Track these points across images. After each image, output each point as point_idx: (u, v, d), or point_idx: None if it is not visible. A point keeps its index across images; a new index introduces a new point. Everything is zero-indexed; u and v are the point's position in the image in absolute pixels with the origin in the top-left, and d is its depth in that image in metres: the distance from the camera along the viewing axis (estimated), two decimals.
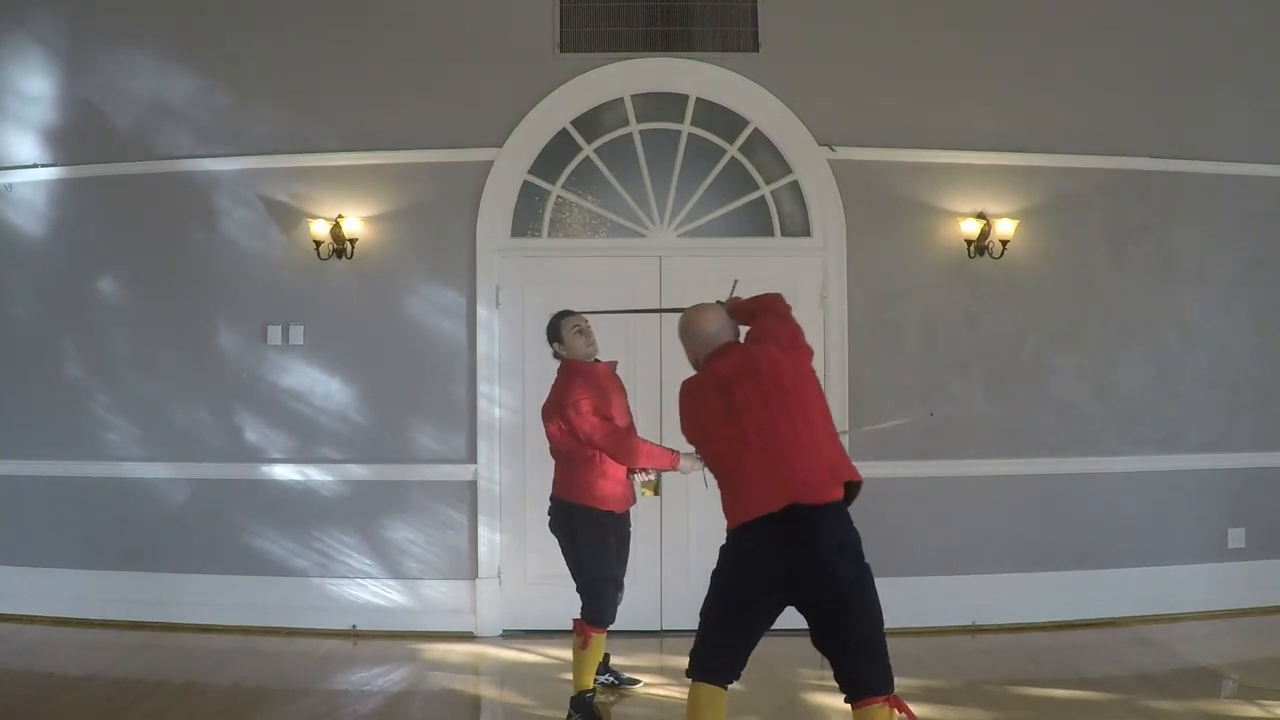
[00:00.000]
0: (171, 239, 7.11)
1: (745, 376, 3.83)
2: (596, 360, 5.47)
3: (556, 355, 5.50)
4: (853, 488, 3.77)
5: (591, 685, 5.33)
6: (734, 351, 3.98)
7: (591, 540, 5.33)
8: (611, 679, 5.78)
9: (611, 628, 5.68)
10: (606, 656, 5.77)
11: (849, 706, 3.67)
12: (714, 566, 3.96)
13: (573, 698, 5.30)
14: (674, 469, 5.26)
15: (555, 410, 5.32)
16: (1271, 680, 5.70)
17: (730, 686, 3.92)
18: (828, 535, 3.66)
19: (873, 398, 6.94)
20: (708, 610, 3.93)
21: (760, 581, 3.73)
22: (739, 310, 4.24)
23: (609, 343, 5.83)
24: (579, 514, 5.34)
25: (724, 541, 3.92)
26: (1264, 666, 6.03)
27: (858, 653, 3.64)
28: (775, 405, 3.77)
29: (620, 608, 5.58)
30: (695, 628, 4.03)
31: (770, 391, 3.79)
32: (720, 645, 3.86)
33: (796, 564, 3.64)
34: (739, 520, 3.78)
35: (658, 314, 6.89)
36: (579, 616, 5.35)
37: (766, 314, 4.14)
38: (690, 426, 4.03)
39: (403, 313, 7.03)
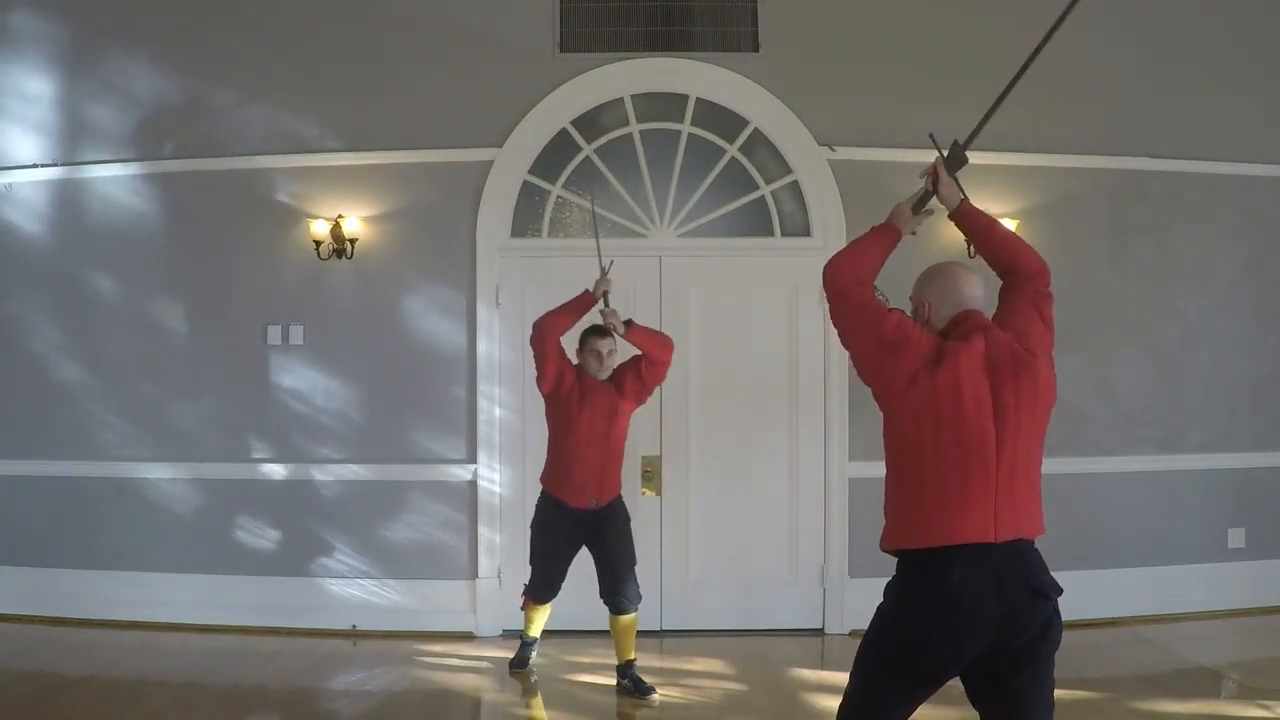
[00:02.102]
0: (171, 239, 7.11)
1: (1024, 378, 3.13)
2: (598, 380, 5.74)
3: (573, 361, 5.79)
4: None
5: (534, 635, 6.09)
6: (1008, 341, 3.19)
7: (540, 525, 5.79)
8: (629, 685, 5.73)
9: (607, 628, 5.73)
10: (631, 662, 5.76)
11: None
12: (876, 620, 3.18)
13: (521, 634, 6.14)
14: (594, 303, 5.70)
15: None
16: (1272, 680, 5.70)
17: (731, 686, 3.86)
18: (1048, 574, 3.15)
19: (873, 398, 6.92)
20: (873, 668, 3.10)
21: (972, 628, 2.96)
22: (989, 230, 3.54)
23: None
24: (540, 496, 5.80)
25: (897, 573, 3.11)
26: (1264, 666, 6.04)
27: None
28: (1036, 427, 3.16)
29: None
30: (695, 628, 3.97)
31: (1038, 410, 3.16)
32: (881, 713, 3.12)
33: (1018, 609, 3.03)
34: (939, 541, 2.98)
35: (658, 319, 6.90)
36: (526, 583, 5.98)
37: (1043, 313, 3.45)
38: (936, 389, 3.06)
39: (403, 313, 7.03)
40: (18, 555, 7.11)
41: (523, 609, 6.06)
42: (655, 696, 5.66)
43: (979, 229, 3.58)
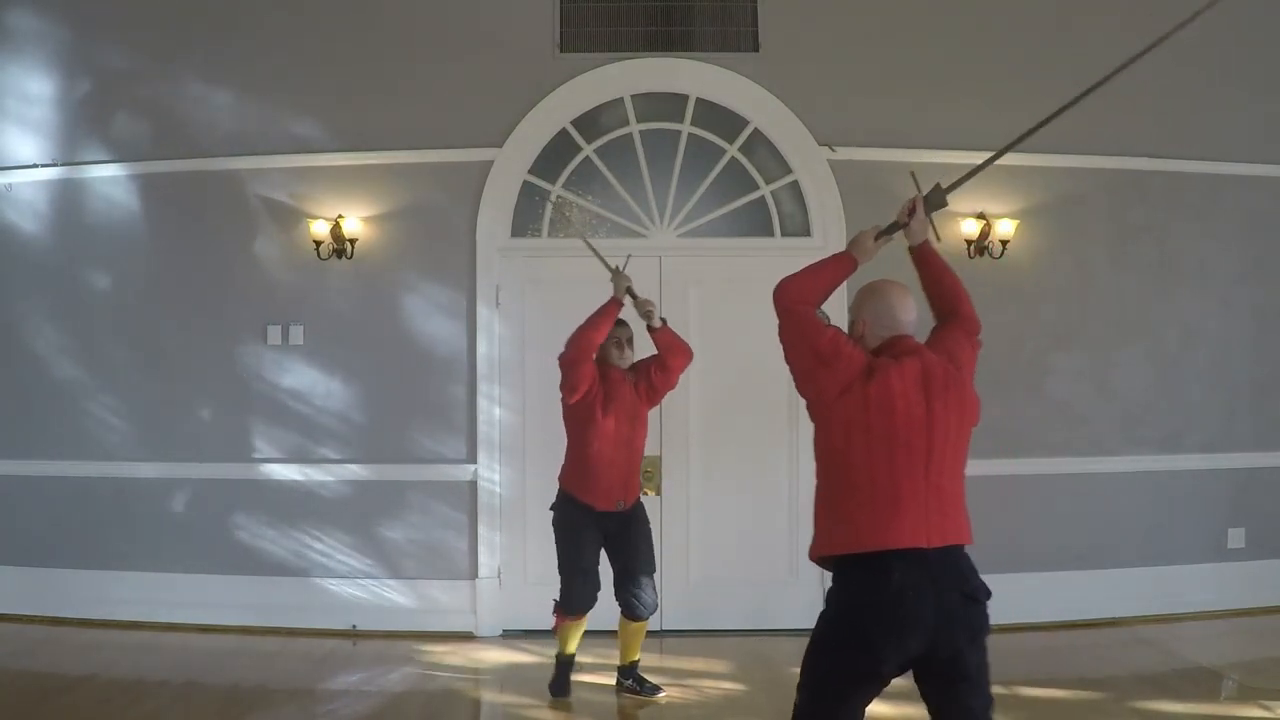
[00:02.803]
0: (171, 239, 7.11)
1: (952, 392, 3.24)
2: (615, 366, 5.65)
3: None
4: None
5: (571, 651, 5.67)
6: (937, 361, 3.32)
7: (562, 527, 5.55)
8: (634, 684, 5.71)
9: (612, 627, 5.69)
10: (635, 663, 5.75)
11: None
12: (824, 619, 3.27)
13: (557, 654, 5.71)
14: (621, 303, 5.57)
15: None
16: (1272, 680, 5.70)
17: (731, 686, 3.89)
18: (978, 579, 3.20)
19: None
20: (819, 673, 3.19)
21: (910, 630, 3.05)
22: (934, 264, 3.78)
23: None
24: (560, 500, 5.59)
25: (835, 580, 3.25)
26: (1264, 666, 6.04)
27: (984, 703, 3.23)
28: (961, 442, 3.26)
29: (618, 608, 5.61)
30: (695, 628, 4.00)
31: (965, 425, 3.26)
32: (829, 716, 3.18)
33: (953, 612, 3.09)
34: (873, 546, 3.11)
35: (658, 308, 6.90)
36: (556, 599, 5.60)
37: (972, 353, 3.53)
38: (869, 406, 3.18)
39: (403, 313, 7.03)
40: (18, 555, 7.11)
41: (554, 629, 5.67)
42: (662, 695, 5.66)
43: (934, 271, 3.78)
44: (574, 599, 5.49)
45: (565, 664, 5.69)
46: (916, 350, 3.32)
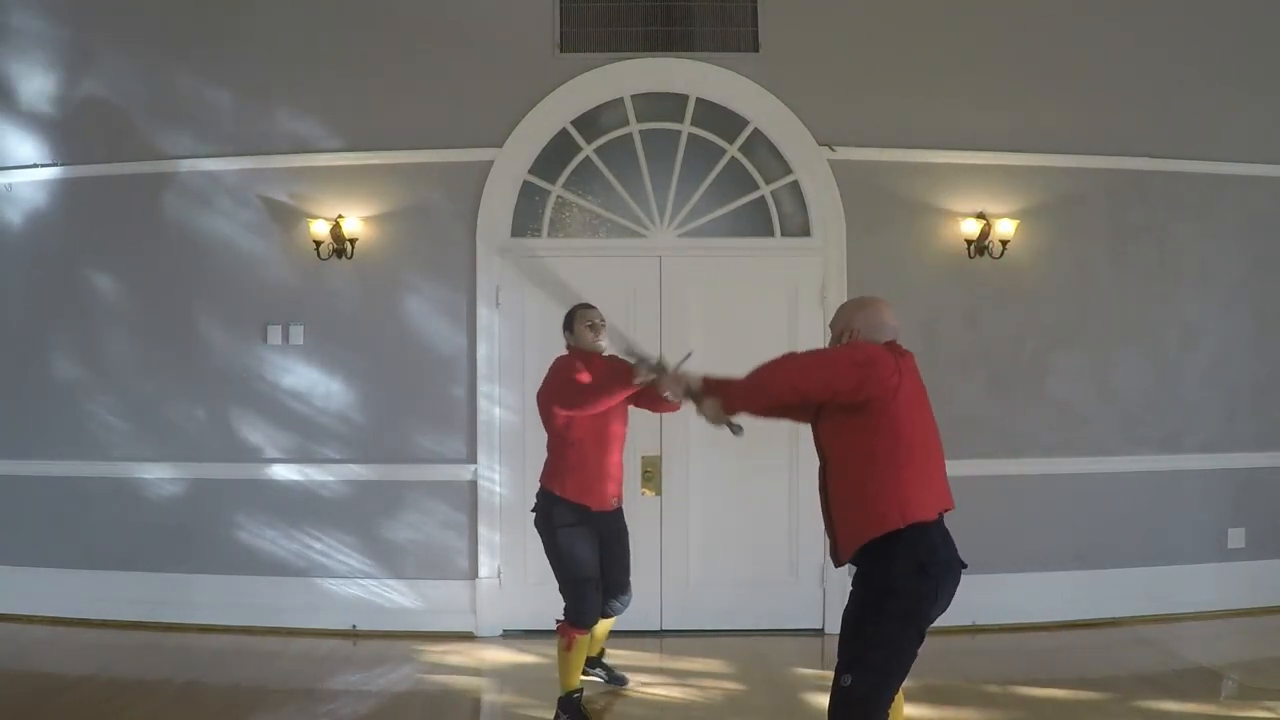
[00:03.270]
0: (172, 239, 7.11)
1: (917, 378, 3.82)
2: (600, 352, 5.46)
3: (567, 346, 5.52)
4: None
5: (578, 685, 5.33)
6: (908, 352, 3.88)
7: (567, 538, 5.27)
8: (602, 675, 5.76)
9: (612, 627, 5.69)
10: (602, 651, 5.78)
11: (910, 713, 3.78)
12: (853, 591, 3.73)
13: (560, 699, 5.31)
14: (637, 388, 5.03)
15: (545, 388, 5.34)
16: (1272, 680, 5.70)
17: (731, 686, 3.97)
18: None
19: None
20: (895, 650, 3.51)
21: (945, 590, 3.60)
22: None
23: (610, 344, 5.82)
24: (558, 507, 5.31)
25: (887, 550, 3.57)
26: (1265, 666, 6.03)
27: None
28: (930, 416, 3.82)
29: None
30: (695, 628, 4.03)
31: (927, 403, 3.83)
32: (893, 688, 3.60)
33: (957, 575, 3.64)
34: (919, 515, 3.59)
35: (658, 318, 6.90)
36: (561, 618, 5.34)
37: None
38: (904, 383, 3.65)
39: (403, 313, 7.04)
40: (18, 555, 7.12)
41: (566, 649, 5.30)
42: (629, 684, 5.75)
43: (764, 402, 3.89)
44: (587, 610, 5.25)
45: (577, 701, 5.31)
46: (905, 351, 3.82)
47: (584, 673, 5.64)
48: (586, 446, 5.31)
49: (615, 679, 5.84)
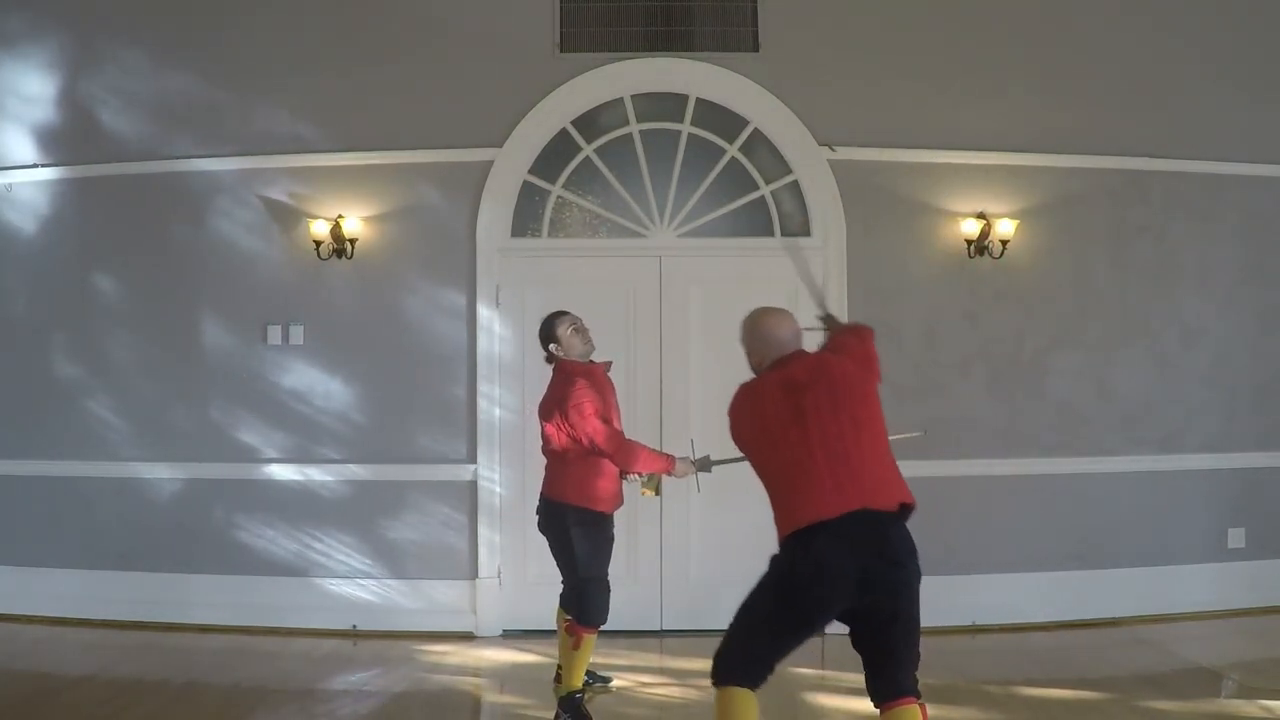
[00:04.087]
0: (171, 239, 7.11)
1: (819, 382, 3.75)
2: (593, 361, 5.44)
3: (551, 357, 5.44)
4: (907, 509, 3.74)
5: (581, 686, 5.33)
6: (806, 357, 3.91)
7: (587, 540, 5.30)
8: (586, 678, 5.73)
9: (611, 628, 5.69)
10: None
11: (876, 709, 3.72)
12: (764, 574, 3.88)
13: (562, 698, 5.31)
14: (669, 473, 5.26)
15: (556, 409, 5.29)
16: (1271, 680, 5.70)
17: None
18: (903, 543, 3.65)
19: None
20: (753, 619, 3.81)
21: (832, 587, 3.61)
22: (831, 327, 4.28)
23: (610, 343, 5.83)
24: (574, 514, 5.31)
25: (779, 551, 3.81)
26: (1264, 666, 6.03)
27: (905, 657, 3.69)
28: (844, 415, 3.71)
29: (620, 608, 5.60)
30: (695, 628, 4.05)
31: (842, 400, 3.73)
32: (765, 654, 3.82)
33: (870, 569, 3.56)
34: (802, 523, 3.66)
35: (658, 319, 6.90)
36: (570, 618, 5.37)
37: (849, 333, 4.18)
38: (748, 428, 3.87)
39: (403, 313, 7.03)
40: (18, 555, 7.11)
41: (574, 649, 5.33)
42: (614, 684, 5.78)
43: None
44: (599, 611, 5.31)
45: (579, 701, 5.30)
46: (784, 363, 3.87)
47: (557, 678, 5.65)
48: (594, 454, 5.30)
49: (597, 680, 5.76)
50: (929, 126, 7.02)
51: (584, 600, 5.30)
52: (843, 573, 3.56)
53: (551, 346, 5.41)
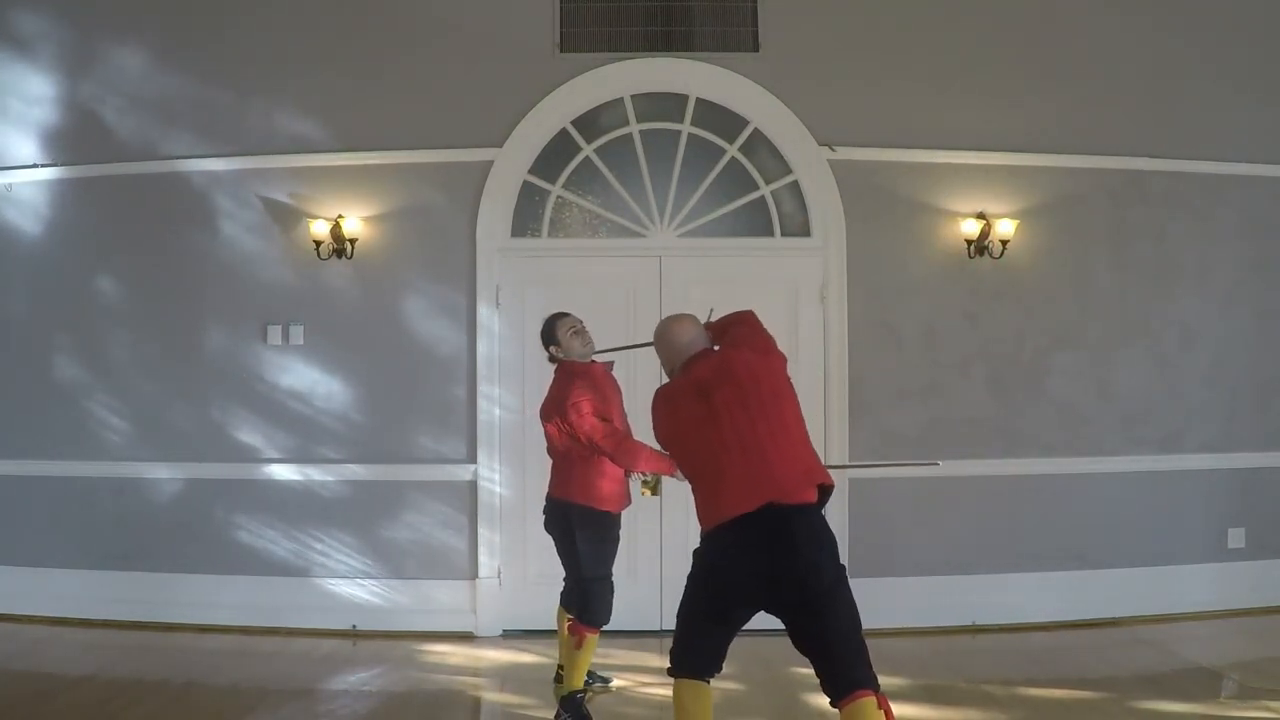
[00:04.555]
0: (171, 239, 7.11)
1: (724, 381, 3.87)
2: (593, 361, 5.46)
3: (553, 359, 5.48)
4: (825, 491, 3.82)
5: (583, 685, 5.34)
6: (710, 357, 4.03)
7: (592, 539, 5.32)
8: (586, 679, 5.73)
9: (611, 627, 5.68)
10: None
11: (835, 709, 3.70)
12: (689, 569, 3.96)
13: (563, 698, 5.31)
14: (671, 474, 5.26)
15: (555, 410, 5.31)
16: (1271, 680, 5.70)
17: (731, 686, 3.97)
18: (807, 534, 3.70)
19: (873, 398, 6.95)
20: (686, 612, 3.96)
21: (741, 580, 3.74)
22: (714, 328, 4.36)
23: (610, 343, 5.82)
24: (578, 514, 5.33)
25: (699, 544, 3.92)
26: (1264, 666, 6.03)
27: (843, 652, 3.67)
28: (754, 407, 3.82)
29: (620, 608, 5.60)
30: None
31: (749, 394, 3.84)
32: (701, 644, 3.91)
33: (777, 562, 3.66)
34: (715, 521, 3.79)
35: (658, 319, 6.89)
36: (571, 617, 5.38)
37: (739, 325, 4.29)
38: (666, 431, 4.05)
39: (403, 313, 7.03)
40: (18, 555, 7.11)
41: (577, 648, 5.32)
42: (614, 684, 5.78)
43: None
44: (604, 610, 5.33)
45: (580, 701, 5.30)
46: (691, 366, 4.01)
47: (557, 679, 5.68)
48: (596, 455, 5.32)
49: (597, 680, 5.76)
50: (929, 126, 7.02)
51: (588, 599, 5.32)
52: (748, 566, 3.68)
53: (552, 348, 5.45)
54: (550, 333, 5.45)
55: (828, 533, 3.78)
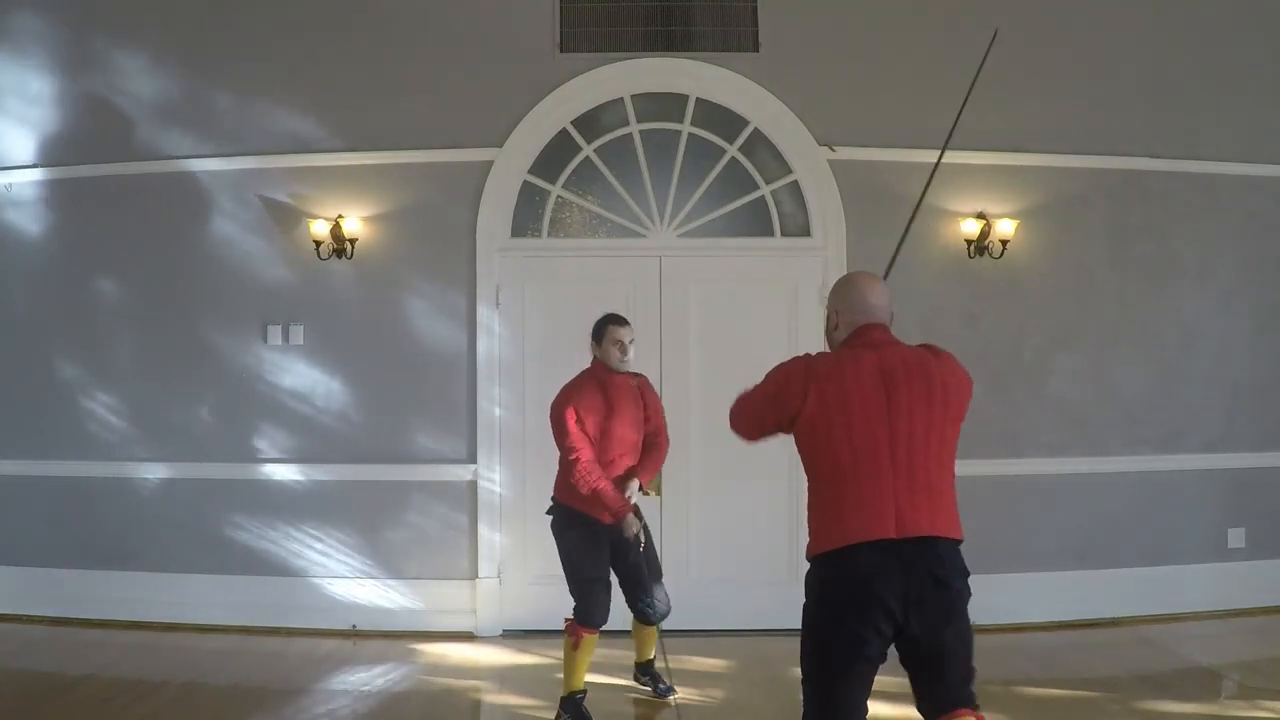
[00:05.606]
0: (171, 239, 7.11)
1: (917, 380, 3.28)
2: (620, 373, 5.40)
3: (592, 353, 5.45)
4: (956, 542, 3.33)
5: (582, 686, 5.32)
6: (904, 347, 3.40)
7: (574, 540, 5.32)
8: (649, 681, 5.69)
9: (612, 627, 5.68)
10: (650, 661, 5.72)
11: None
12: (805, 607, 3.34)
13: (563, 698, 5.31)
14: (609, 520, 5.25)
15: (555, 413, 5.31)
16: (1272, 680, 5.70)
17: (730, 686, 3.88)
18: (954, 565, 3.24)
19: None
20: (814, 667, 3.30)
21: (876, 612, 3.15)
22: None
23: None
24: (567, 514, 5.35)
25: (812, 570, 3.31)
26: (1264, 666, 6.03)
27: (959, 674, 3.27)
28: (937, 427, 3.27)
29: (621, 608, 5.59)
30: (695, 628, 3.99)
31: (937, 410, 3.27)
32: (842, 706, 3.29)
33: (920, 595, 3.16)
34: (853, 538, 3.19)
35: (658, 318, 6.90)
36: (570, 617, 5.35)
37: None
38: (826, 398, 3.27)
39: (403, 313, 7.04)
40: (18, 555, 7.11)
41: (574, 648, 5.29)
42: (674, 698, 5.64)
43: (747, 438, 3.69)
44: (595, 610, 5.26)
45: (579, 701, 5.32)
46: (878, 345, 3.39)
47: (635, 678, 5.69)
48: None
49: (660, 690, 5.68)
50: (929, 126, 6.97)
51: (581, 599, 5.29)
52: (886, 595, 3.14)
53: (593, 345, 5.43)
54: (599, 330, 5.42)
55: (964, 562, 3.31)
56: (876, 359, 3.32)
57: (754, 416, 3.52)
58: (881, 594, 3.14)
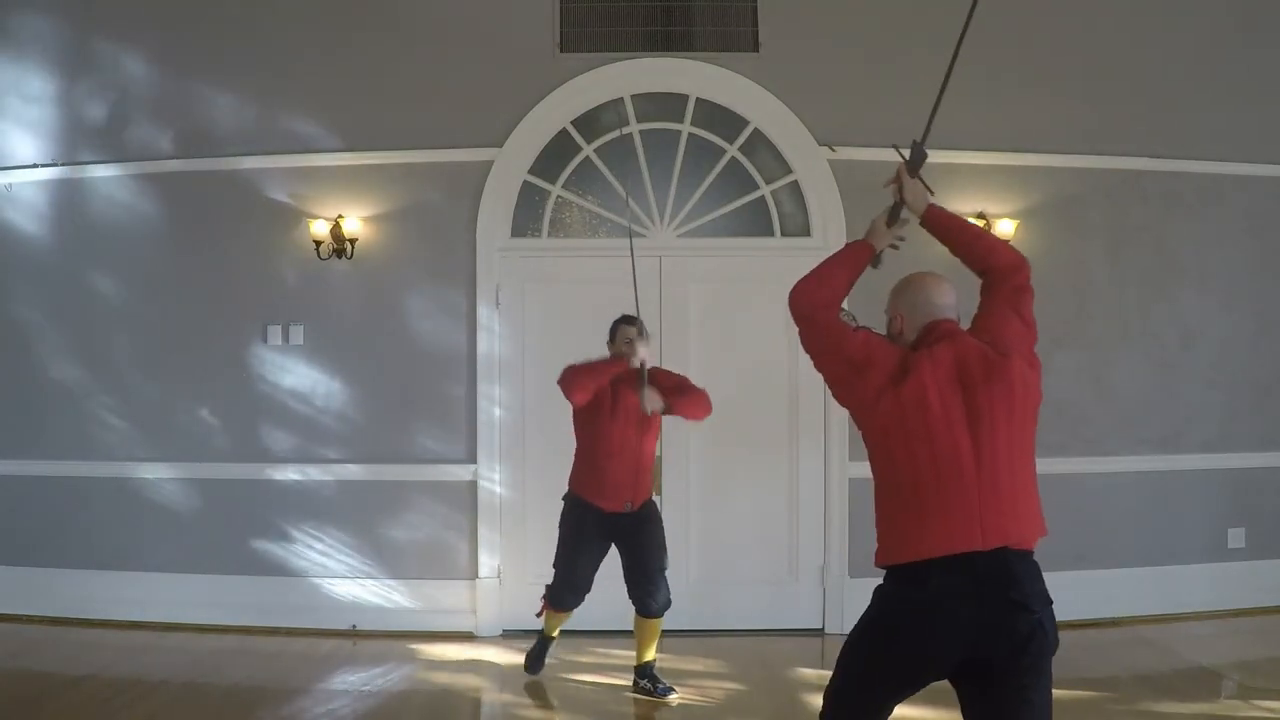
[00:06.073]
0: (171, 239, 7.11)
1: (997, 382, 3.03)
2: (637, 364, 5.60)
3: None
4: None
5: (554, 635, 5.95)
6: (978, 346, 3.11)
7: (571, 539, 5.66)
8: (647, 684, 5.69)
9: (611, 627, 5.70)
10: (651, 663, 5.73)
11: None
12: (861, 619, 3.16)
13: (528, 652, 6.03)
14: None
15: None
16: (1271, 680, 5.70)
17: (730, 686, 3.86)
18: (1034, 586, 3.01)
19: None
20: (854, 667, 3.16)
21: (944, 639, 2.93)
22: (953, 227, 3.64)
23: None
24: (574, 504, 5.68)
25: (885, 583, 3.07)
26: (1264, 666, 6.03)
27: None
28: (1017, 430, 3.02)
29: (620, 607, 5.63)
30: (695, 628, 3.99)
31: (1016, 412, 3.02)
32: (867, 710, 3.17)
33: (996, 621, 2.92)
34: (924, 553, 2.93)
35: (658, 318, 6.90)
36: (547, 590, 5.81)
37: (1020, 309, 3.29)
38: (902, 396, 3.03)
39: (403, 313, 7.03)
40: (18, 555, 7.11)
41: (539, 614, 5.91)
42: (674, 697, 5.63)
43: (950, 231, 3.63)
44: (563, 598, 5.72)
45: (545, 643, 5.98)
46: (950, 335, 3.16)
47: (634, 685, 5.73)
48: (592, 446, 5.63)
49: (660, 690, 5.66)
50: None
51: (555, 587, 5.74)
52: (958, 621, 2.91)
53: (608, 343, 5.76)
54: (612, 333, 5.78)
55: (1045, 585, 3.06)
56: (952, 352, 3.08)
57: (834, 286, 3.50)
58: (949, 622, 2.90)
